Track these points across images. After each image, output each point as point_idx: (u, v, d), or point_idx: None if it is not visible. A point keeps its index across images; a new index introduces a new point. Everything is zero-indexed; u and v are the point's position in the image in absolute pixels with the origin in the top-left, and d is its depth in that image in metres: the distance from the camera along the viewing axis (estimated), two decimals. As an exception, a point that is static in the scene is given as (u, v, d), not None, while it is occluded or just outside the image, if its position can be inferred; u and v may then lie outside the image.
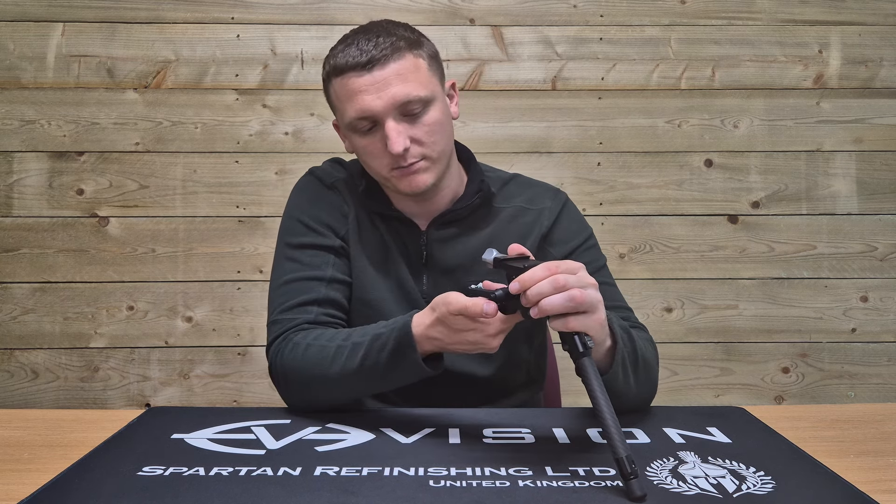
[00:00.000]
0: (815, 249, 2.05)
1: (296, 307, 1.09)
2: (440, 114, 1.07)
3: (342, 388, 1.01)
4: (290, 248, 1.14)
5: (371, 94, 1.02)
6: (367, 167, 1.11)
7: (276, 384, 1.08)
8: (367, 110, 1.03)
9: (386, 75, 1.02)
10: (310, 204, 1.16)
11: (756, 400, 2.05)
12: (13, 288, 1.99)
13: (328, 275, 1.12)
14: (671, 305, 2.05)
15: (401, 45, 1.04)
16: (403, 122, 1.04)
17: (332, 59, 1.06)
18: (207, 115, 2.01)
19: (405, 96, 1.02)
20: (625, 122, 2.04)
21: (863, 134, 2.05)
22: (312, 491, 0.77)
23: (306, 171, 1.21)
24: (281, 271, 1.13)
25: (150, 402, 2.00)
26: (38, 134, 1.99)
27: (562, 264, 0.82)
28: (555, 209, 1.18)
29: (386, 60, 1.02)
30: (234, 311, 2.01)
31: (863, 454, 0.91)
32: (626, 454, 0.75)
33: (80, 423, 1.03)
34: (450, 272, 1.15)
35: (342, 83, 1.04)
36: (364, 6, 2.01)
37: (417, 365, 0.94)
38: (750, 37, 2.04)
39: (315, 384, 1.02)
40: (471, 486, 0.77)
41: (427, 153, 1.06)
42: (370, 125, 1.05)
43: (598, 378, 0.80)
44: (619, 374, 0.95)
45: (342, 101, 1.06)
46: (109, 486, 0.78)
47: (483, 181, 1.16)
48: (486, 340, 0.90)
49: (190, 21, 2.00)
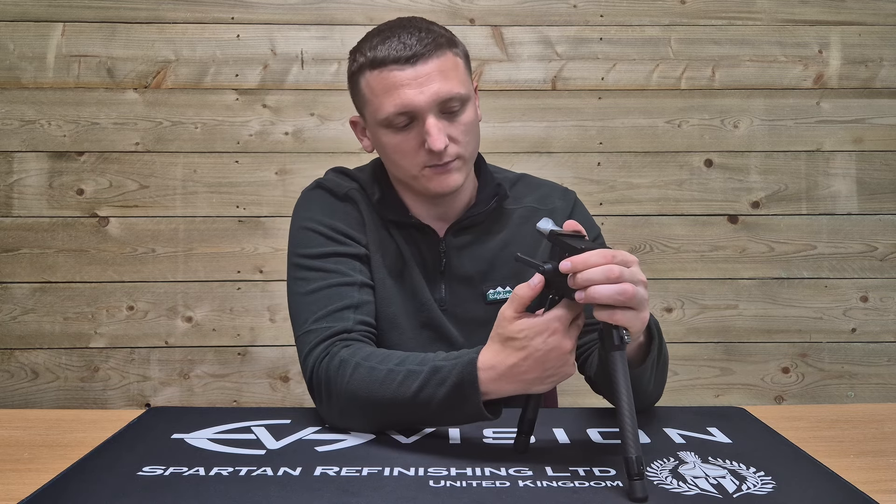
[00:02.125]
0: (815, 249, 2.05)
1: (331, 314, 1.03)
2: (474, 114, 1.06)
3: (388, 415, 0.94)
4: (310, 258, 1.08)
5: (413, 88, 0.99)
6: (394, 166, 1.07)
7: (315, 399, 1.00)
8: (409, 105, 1.00)
9: (429, 70, 1.00)
10: (324, 215, 1.11)
11: (756, 400, 2.05)
12: (13, 288, 1.99)
13: (358, 280, 1.06)
14: (671, 305, 2.05)
15: (442, 42, 1.02)
16: (443, 120, 1.02)
17: (369, 51, 1.02)
18: (207, 115, 2.00)
19: (447, 93, 1.00)
20: (625, 122, 2.04)
21: (863, 134, 2.05)
22: (312, 491, 0.77)
23: (312, 184, 1.16)
24: (303, 283, 1.06)
25: (150, 402, 2.00)
26: (38, 134, 1.99)
27: (618, 254, 0.79)
28: (566, 209, 1.18)
29: (429, 56, 1.00)
30: (234, 311, 2.01)
31: (863, 454, 0.91)
32: (637, 455, 0.75)
33: (80, 423, 1.03)
34: (467, 280, 1.12)
35: (381, 76, 1.01)
36: (364, 6, 2.01)
37: (477, 408, 0.87)
38: (750, 37, 2.04)
39: (361, 407, 0.94)
40: (471, 486, 0.77)
41: (461, 153, 1.04)
42: (407, 121, 1.02)
43: (626, 374, 0.78)
44: (647, 372, 0.95)
45: (378, 94, 1.02)
46: (109, 486, 0.78)
47: (499, 185, 1.14)
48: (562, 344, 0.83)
49: (190, 21, 2.00)
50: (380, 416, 0.94)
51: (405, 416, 0.94)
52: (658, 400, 1.07)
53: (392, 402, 0.91)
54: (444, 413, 0.90)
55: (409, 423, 0.96)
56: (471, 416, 0.88)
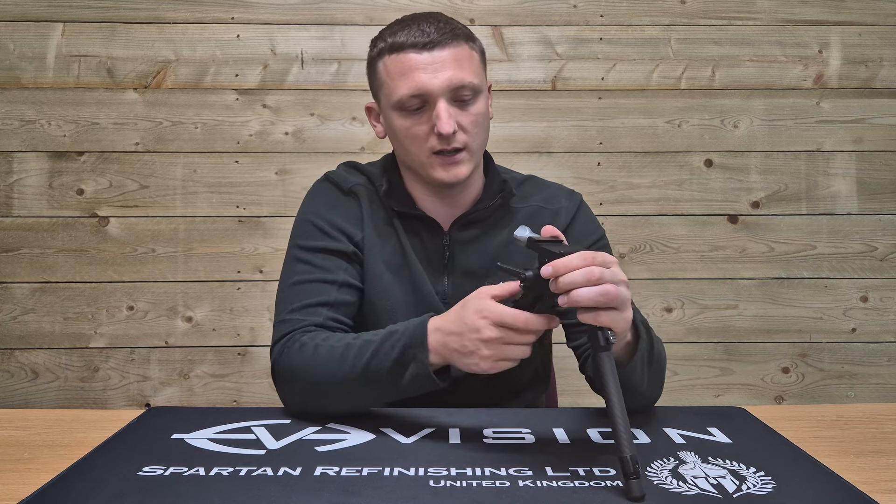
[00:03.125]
0: (815, 249, 2.05)
1: (305, 308, 1.07)
2: (485, 107, 1.09)
3: (345, 392, 0.97)
4: (303, 250, 1.12)
5: (428, 72, 1.03)
6: (404, 151, 1.10)
7: (277, 385, 1.05)
8: (422, 88, 1.03)
9: (444, 57, 1.04)
10: (325, 208, 1.15)
11: (756, 400, 2.05)
12: (13, 288, 1.99)
13: (340, 278, 1.10)
14: (671, 305, 2.05)
15: (459, 34, 1.07)
16: (454, 107, 1.05)
17: (390, 37, 1.06)
18: (207, 115, 2.00)
19: (460, 80, 1.04)
20: (625, 122, 2.04)
21: (863, 134, 2.05)
22: (312, 491, 0.77)
23: (321, 176, 1.20)
24: (291, 273, 1.12)
25: (150, 402, 2.00)
26: (38, 134, 1.99)
27: (598, 255, 0.80)
28: (571, 209, 1.19)
29: (445, 44, 1.04)
30: (234, 311, 2.01)
31: (863, 454, 0.91)
32: (631, 454, 0.75)
33: (80, 423, 1.03)
34: (471, 274, 1.14)
35: (398, 59, 1.05)
36: (364, 6, 2.01)
37: (424, 368, 0.91)
38: (750, 37, 2.04)
39: (320, 387, 0.98)
40: (471, 486, 0.77)
41: (469, 143, 1.07)
42: (419, 105, 1.05)
43: (615, 374, 0.79)
44: (637, 369, 0.95)
45: (394, 77, 1.05)
46: (109, 486, 0.78)
47: (505, 181, 1.17)
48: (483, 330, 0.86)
49: (190, 21, 2.00)
50: (337, 394, 0.98)
51: (361, 391, 0.97)
52: (657, 400, 1.07)
53: (348, 376, 0.95)
54: (396, 377, 0.93)
55: (365, 399, 0.99)
56: (420, 378, 0.92)
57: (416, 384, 0.93)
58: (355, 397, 0.98)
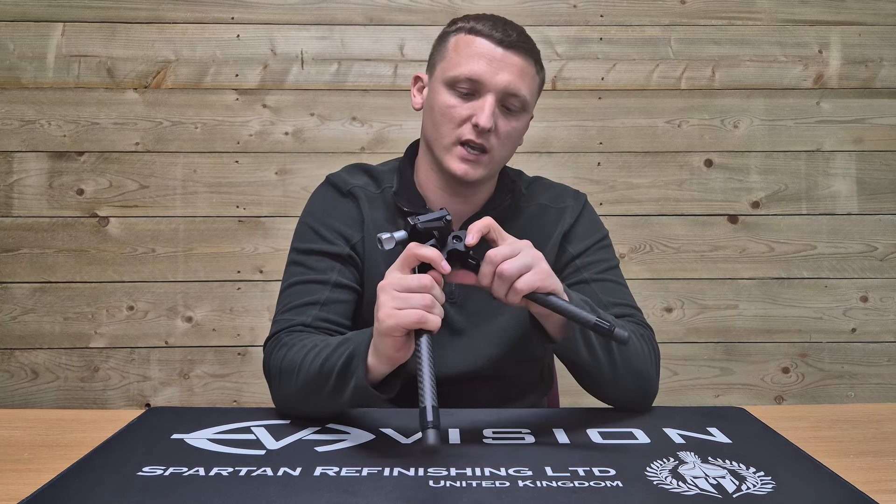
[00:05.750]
0: (815, 249, 2.05)
1: (295, 308, 1.08)
2: (523, 127, 1.12)
3: (304, 395, 0.97)
4: (299, 253, 1.14)
5: (493, 66, 1.05)
6: (435, 130, 1.10)
7: (269, 385, 1.06)
8: (481, 76, 1.05)
9: (513, 61, 1.06)
10: (322, 211, 1.16)
11: (756, 400, 2.05)
12: (13, 288, 1.99)
13: (332, 279, 1.11)
14: (671, 305, 2.05)
15: (534, 52, 1.09)
16: (498, 110, 1.07)
17: (474, 22, 1.08)
18: (207, 115, 2.00)
19: (516, 88, 1.06)
20: (625, 122, 2.04)
21: (863, 134, 2.05)
22: (312, 491, 0.77)
23: (325, 178, 1.20)
24: (288, 275, 1.13)
25: (150, 402, 2.00)
26: (38, 134, 1.99)
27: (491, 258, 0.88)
28: (576, 208, 1.20)
29: (519, 51, 1.06)
30: (234, 311, 2.01)
31: (863, 454, 0.91)
32: (433, 405, 0.75)
33: (80, 423, 1.03)
34: None
35: (472, 40, 1.07)
36: (364, 6, 2.01)
37: (362, 381, 0.87)
38: (750, 37, 2.04)
39: (291, 387, 0.99)
40: (471, 486, 0.77)
41: (495, 150, 1.08)
42: (470, 90, 1.06)
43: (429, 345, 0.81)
44: (581, 344, 0.95)
45: (461, 54, 1.07)
46: (109, 486, 0.78)
47: (514, 182, 1.18)
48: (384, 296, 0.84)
49: (190, 21, 2.00)
50: (298, 397, 0.98)
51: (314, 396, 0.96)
52: (644, 398, 1.06)
53: (306, 379, 0.95)
54: (341, 386, 0.91)
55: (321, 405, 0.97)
56: (360, 391, 0.89)
57: (357, 396, 0.91)
58: (315, 400, 0.97)
